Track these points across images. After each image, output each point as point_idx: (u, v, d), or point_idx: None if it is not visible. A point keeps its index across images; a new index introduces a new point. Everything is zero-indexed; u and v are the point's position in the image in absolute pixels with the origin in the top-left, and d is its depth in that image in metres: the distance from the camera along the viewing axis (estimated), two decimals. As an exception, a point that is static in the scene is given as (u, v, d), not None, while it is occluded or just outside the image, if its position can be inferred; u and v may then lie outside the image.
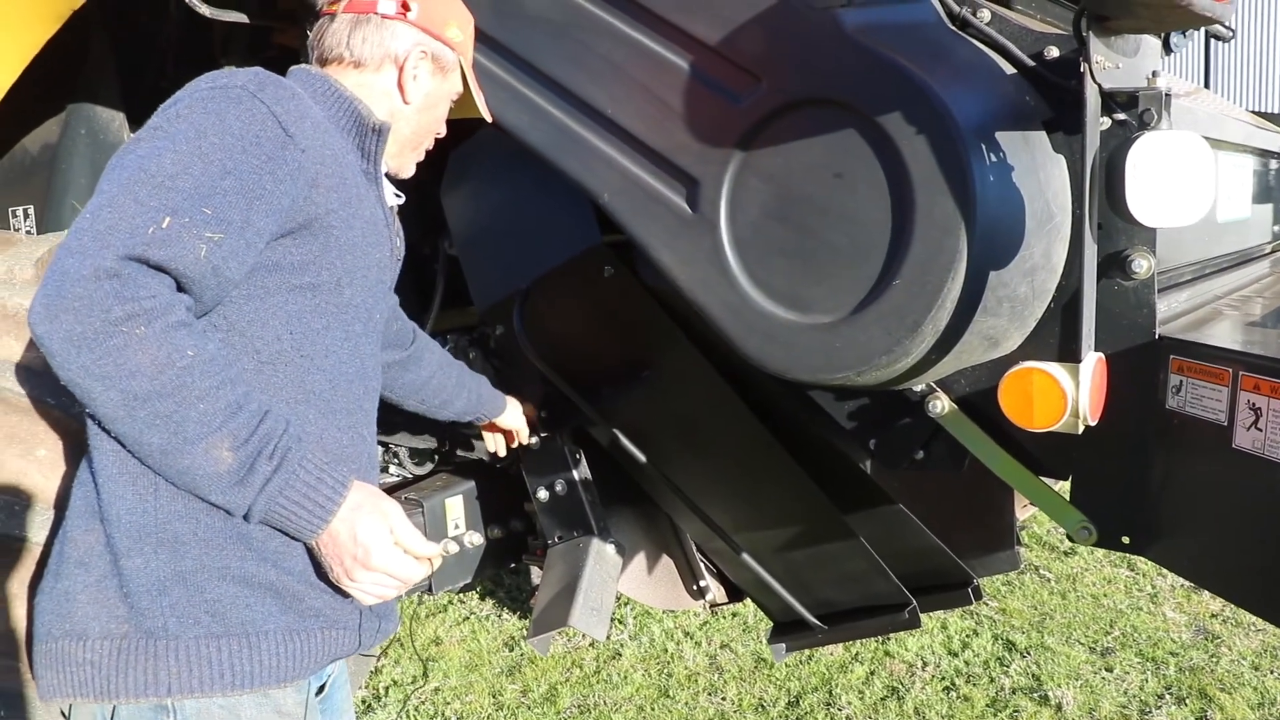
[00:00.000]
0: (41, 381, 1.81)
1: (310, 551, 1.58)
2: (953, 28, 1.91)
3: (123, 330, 1.33)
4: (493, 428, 2.63)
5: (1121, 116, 1.71)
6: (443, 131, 2.02)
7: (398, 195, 1.95)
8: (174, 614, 1.49)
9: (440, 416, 2.51)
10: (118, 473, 1.51)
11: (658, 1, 1.98)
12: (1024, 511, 3.31)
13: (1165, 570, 4.69)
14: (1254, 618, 4.19)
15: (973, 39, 1.91)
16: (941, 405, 2.02)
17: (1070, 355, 1.80)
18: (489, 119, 2.13)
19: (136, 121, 3.15)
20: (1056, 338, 1.93)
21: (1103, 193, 1.67)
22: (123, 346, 1.34)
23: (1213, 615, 4.31)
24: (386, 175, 1.88)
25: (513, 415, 2.61)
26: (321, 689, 1.80)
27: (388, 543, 1.55)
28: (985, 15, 1.92)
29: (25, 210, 3.23)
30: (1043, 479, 2.02)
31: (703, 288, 1.97)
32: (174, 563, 1.50)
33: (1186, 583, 4.57)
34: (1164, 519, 1.88)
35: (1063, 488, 2.03)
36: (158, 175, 1.42)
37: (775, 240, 1.88)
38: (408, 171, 1.98)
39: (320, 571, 1.59)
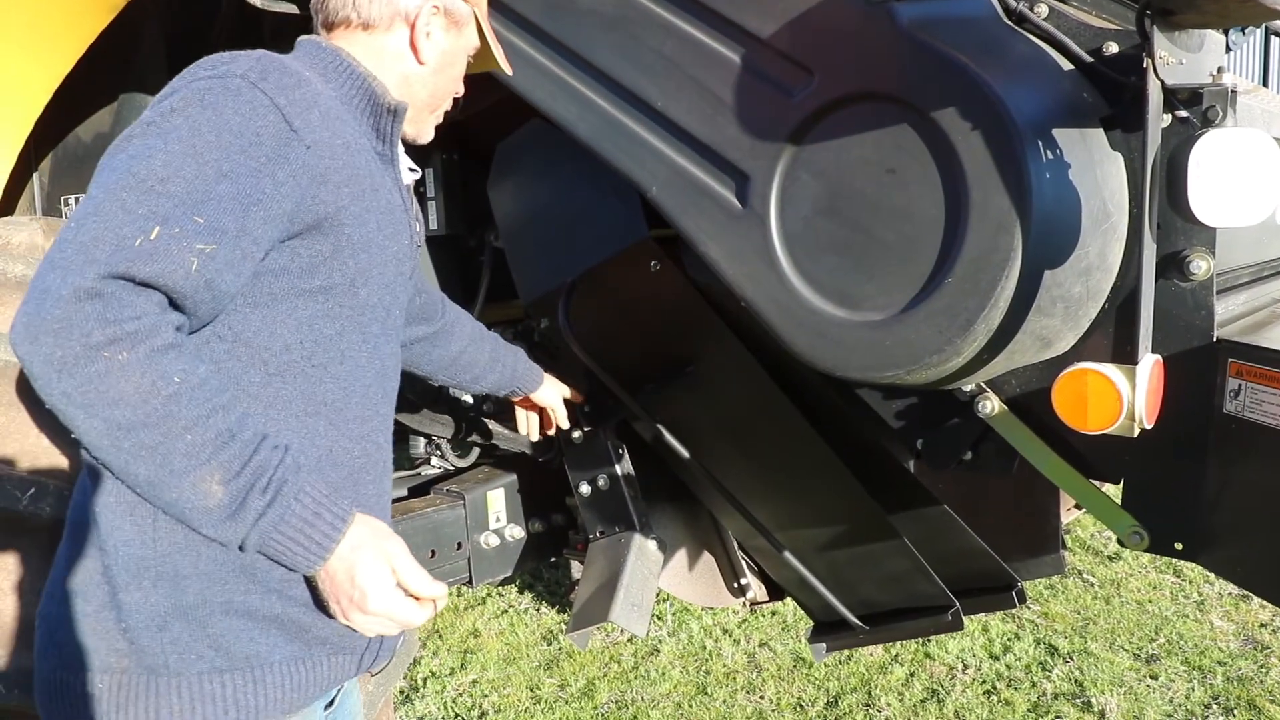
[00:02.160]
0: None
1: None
2: (1009, 23, 1.88)
3: (104, 356, 1.24)
4: (528, 404, 2.52)
5: (1184, 114, 1.68)
6: (460, 90, 1.90)
7: (413, 170, 1.84)
8: (175, 650, 1.43)
9: (472, 391, 2.42)
10: (115, 501, 1.44)
11: (710, -6, 1.97)
12: (1067, 515, 3.26)
13: (1213, 577, 4.63)
14: (1304, 628, 4.12)
15: (1029, 34, 1.88)
16: (991, 406, 1.99)
17: (1126, 357, 1.77)
18: (509, 71, 2.07)
19: (187, 112, 3.18)
20: (1110, 339, 1.89)
21: (1163, 191, 1.64)
22: (104, 373, 1.24)
23: (1261, 625, 4.23)
24: (405, 142, 1.79)
25: (549, 392, 2.50)
26: (331, 703, 1.73)
27: (388, 586, 1.44)
28: (1042, 10, 1.89)
29: (77, 198, 3.28)
30: (1093, 482, 1.99)
31: (751, 283, 1.96)
32: (175, 597, 1.43)
33: (1235, 590, 4.49)
34: (1219, 525, 1.84)
35: (1112, 492, 2.00)
36: (147, 179, 1.31)
37: (826, 236, 1.86)
38: (426, 136, 1.86)
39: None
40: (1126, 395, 1.62)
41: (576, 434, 2.82)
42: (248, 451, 1.33)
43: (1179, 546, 1.89)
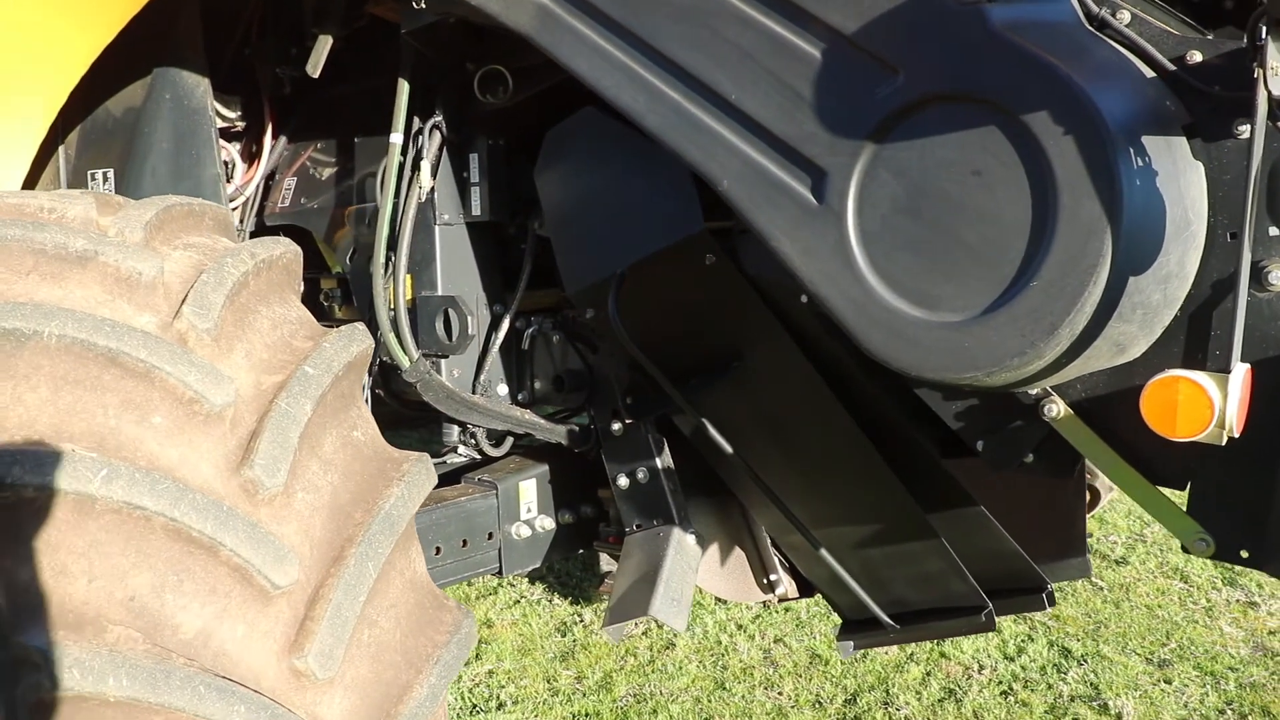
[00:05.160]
0: (159, 346, 1.79)
1: None
2: (1090, 28, 1.88)
3: None
4: None
5: (1285, 124, 1.67)
6: None
7: None
8: None
9: None
10: None
11: (790, -12, 1.95)
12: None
13: (1221, 583, 4.67)
14: (1313, 636, 4.16)
15: (1111, 40, 1.87)
16: (1057, 409, 1.99)
17: (1198, 364, 1.78)
18: None
19: (220, 89, 3.14)
20: (1182, 347, 1.90)
21: (1262, 202, 1.63)
22: None
23: (1270, 632, 4.26)
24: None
25: None
26: None
27: None
28: (1125, 16, 1.88)
29: (105, 174, 3.23)
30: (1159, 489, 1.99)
31: (825, 280, 1.94)
32: None
33: (1242, 597, 4.53)
34: (1289, 536, 1.85)
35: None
36: None
37: (905, 235, 1.85)
38: None
39: None
40: (1218, 403, 1.62)
41: (616, 426, 2.80)
42: None
43: (1245, 554, 1.90)
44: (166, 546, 1.67)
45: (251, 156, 3.33)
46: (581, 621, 4.22)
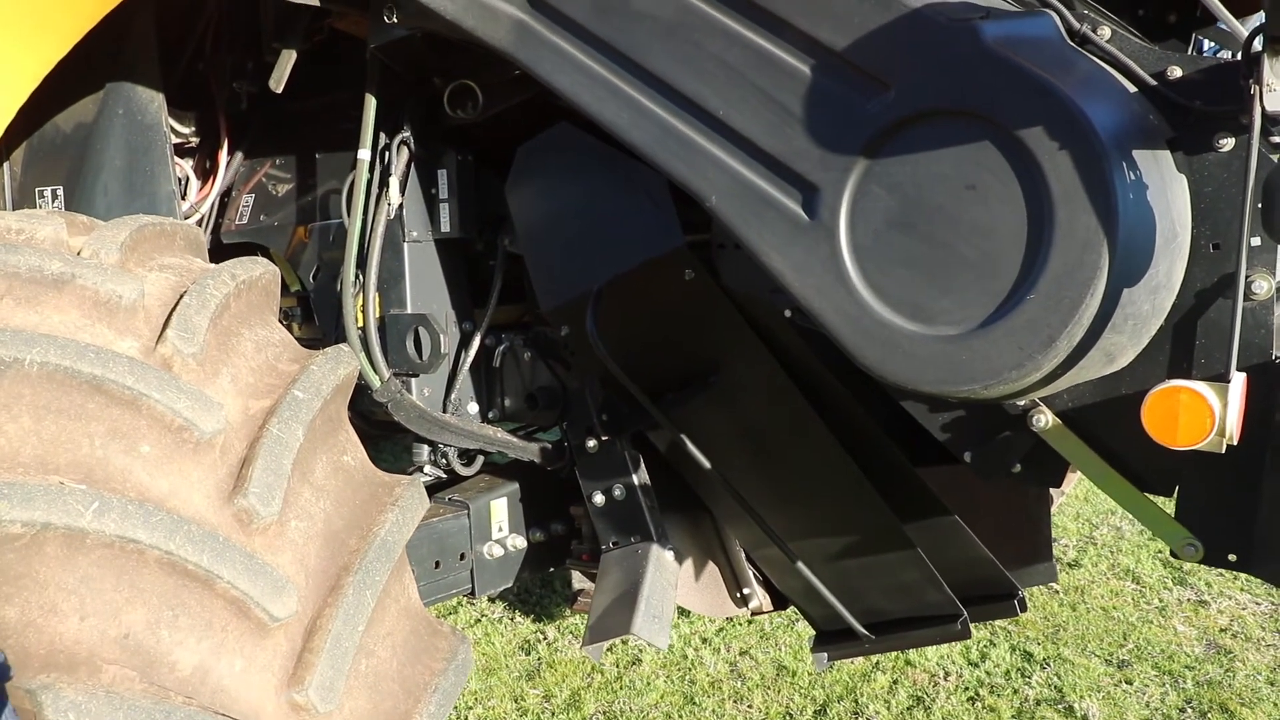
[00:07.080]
0: (145, 373, 1.73)
1: None
2: (1072, 44, 1.91)
3: None
4: None
5: (1277, 139, 1.71)
6: None
7: None
8: None
9: None
10: None
11: (779, 4, 1.95)
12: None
13: (1171, 583, 4.77)
14: (1264, 632, 4.26)
15: (1092, 56, 1.90)
16: (1045, 420, 2.01)
17: (1183, 373, 1.81)
18: None
19: (175, 104, 3.07)
20: (1167, 356, 1.93)
21: (1253, 213, 1.67)
22: None
23: (1221, 630, 4.36)
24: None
25: None
26: None
27: None
28: (1105, 33, 1.91)
29: (54, 191, 3.13)
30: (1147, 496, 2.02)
31: (819, 296, 1.94)
32: None
33: (1193, 596, 4.63)
34: (1275, 539, 1.89)
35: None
36: None
37: (899, 250, 1.86)
38: None
39: None
40: (1218, 412, 1.65)
41: (591, 443, 2.77)
42: None
43: (1233, 558, 1.93)
44: (160, 581, 1.61)
45: (207, 173, 3.25)
46: (545, 639, 4.18)
